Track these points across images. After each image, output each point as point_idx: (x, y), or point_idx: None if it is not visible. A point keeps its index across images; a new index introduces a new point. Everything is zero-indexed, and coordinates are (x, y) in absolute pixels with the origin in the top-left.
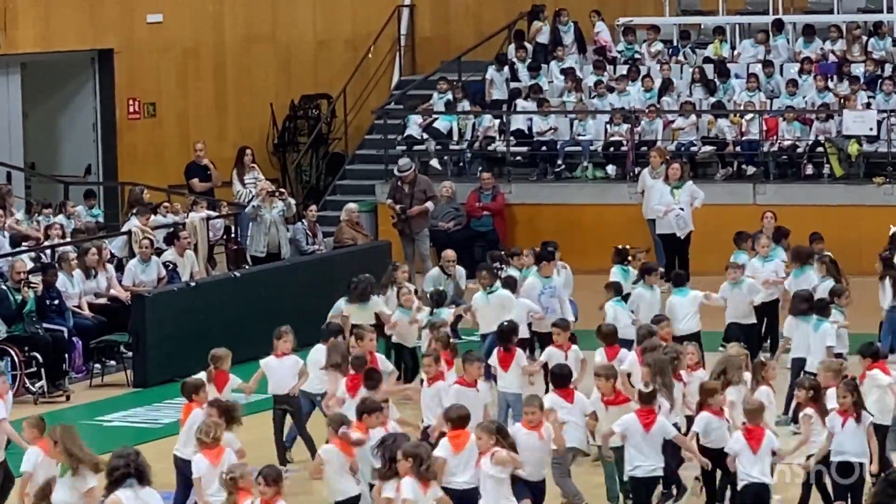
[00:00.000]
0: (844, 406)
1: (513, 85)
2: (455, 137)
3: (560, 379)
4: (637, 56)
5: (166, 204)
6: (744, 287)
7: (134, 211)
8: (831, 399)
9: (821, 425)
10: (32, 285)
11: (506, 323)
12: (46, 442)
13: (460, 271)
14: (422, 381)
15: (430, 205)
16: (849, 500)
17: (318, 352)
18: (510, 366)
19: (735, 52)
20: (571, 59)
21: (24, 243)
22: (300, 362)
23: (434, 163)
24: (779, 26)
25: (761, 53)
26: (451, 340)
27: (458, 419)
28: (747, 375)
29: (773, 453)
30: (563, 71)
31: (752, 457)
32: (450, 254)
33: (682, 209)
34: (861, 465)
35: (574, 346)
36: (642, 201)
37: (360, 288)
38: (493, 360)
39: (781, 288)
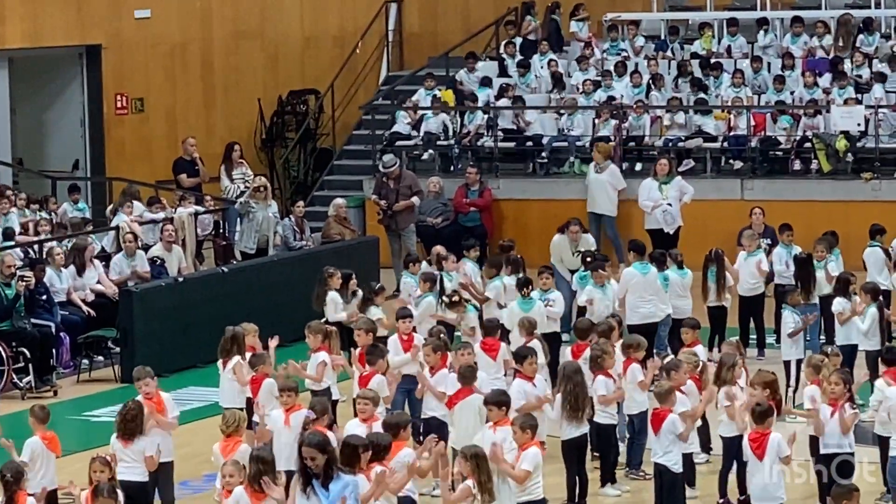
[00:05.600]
0: (836, 395)
1: (503, 80)
2: (445, 133)
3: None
4: (623, 52)
5: (158, 205)
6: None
7: (118, 205)
8: (808, 400)
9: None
10: (25, 279)
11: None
12: (49, 433)
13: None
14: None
15: (415, 200)
16: None
17: None
18: (497, 356)
19: (722, 49)
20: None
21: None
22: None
23: (426, 156)
24: (763, 25)
25: (749, 49)
26: (444, 338)
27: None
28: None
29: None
30: (554, 77)
31: (758, 464)
32: (439, 250)
33: (669, 204)
34: (853, 454)
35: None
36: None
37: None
38: (477, 349)
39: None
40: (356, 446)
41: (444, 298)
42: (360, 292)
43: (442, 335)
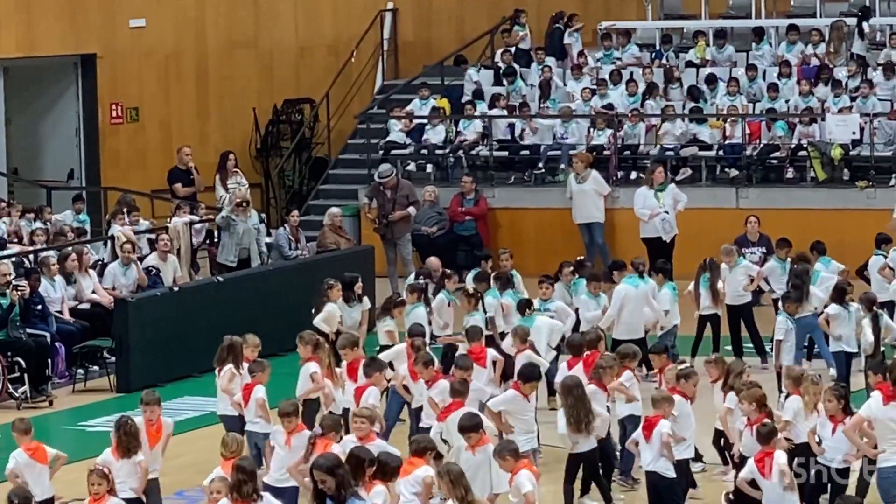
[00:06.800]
0: (831, 411)
1: (496, 89)
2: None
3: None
4: (617, 60)
5: (135, 213)
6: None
7: (111, 215)
8: (788, 410)
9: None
10: (20, 289)
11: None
12: (33, 444)
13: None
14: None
15: (411, 210)
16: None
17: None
18: (486, 363)
19: (711, 60)
20: (554, 65)
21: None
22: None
23: (413, 167)
24: (759, 34)
25: (743, 58)
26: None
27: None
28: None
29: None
30: (541, 84)
31: (766, 484)
32: (434, 262)
33: (666, 212)
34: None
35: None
36: (571, 206)
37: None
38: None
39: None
40: (362, 459)
41: (469, 288)
42: (366, 298)
43: (426, 346)
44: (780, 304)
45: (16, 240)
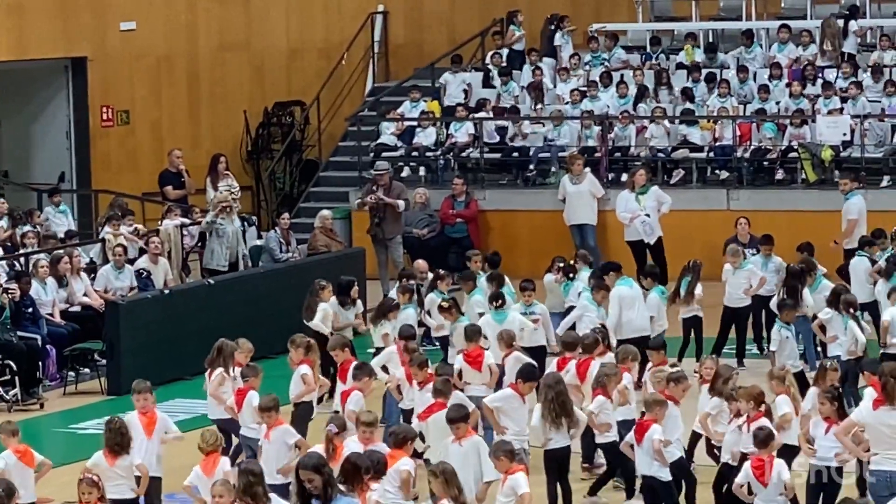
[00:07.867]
0: (825, 413)
1: (486, 91)
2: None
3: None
4: (605, 62)
5: (116, 221)
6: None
7: (105, 219)
8: (780, 406)
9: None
10: (11, 292)
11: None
12: (21, 447)
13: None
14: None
15: (400, 202)
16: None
17: None
18: (482, 366)
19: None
20: (547, 65)
21: None
22: None
23: (407, 172)
24: (750, 36)
25: (734, 60)
26: (420, 354)
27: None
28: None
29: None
30: (529, 86)
31: (763, 491)
32: (421, 264)
33: (647, 215)
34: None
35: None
36: (564, 208)
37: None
38: (460, 361)
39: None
40: (359, 466)
41: (444, 303)
42: (359, 301)
43: (420, 349)
44: (770, 306)
45: (9, 244)
